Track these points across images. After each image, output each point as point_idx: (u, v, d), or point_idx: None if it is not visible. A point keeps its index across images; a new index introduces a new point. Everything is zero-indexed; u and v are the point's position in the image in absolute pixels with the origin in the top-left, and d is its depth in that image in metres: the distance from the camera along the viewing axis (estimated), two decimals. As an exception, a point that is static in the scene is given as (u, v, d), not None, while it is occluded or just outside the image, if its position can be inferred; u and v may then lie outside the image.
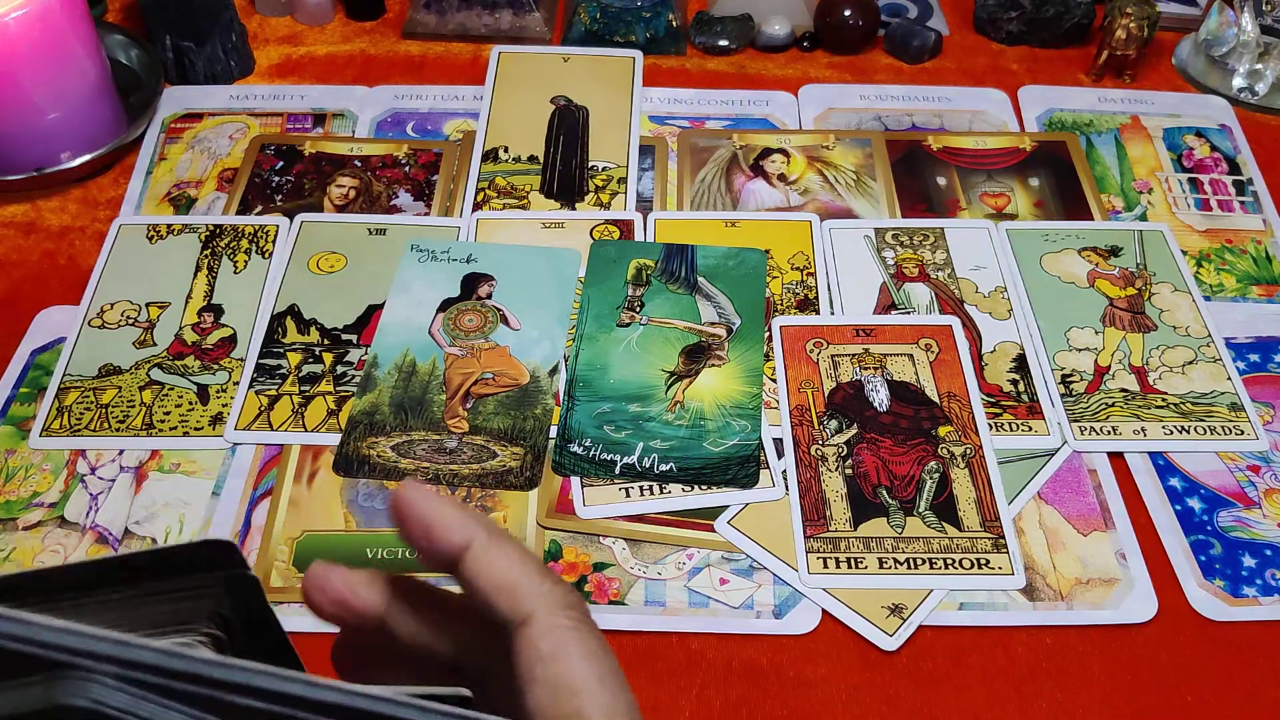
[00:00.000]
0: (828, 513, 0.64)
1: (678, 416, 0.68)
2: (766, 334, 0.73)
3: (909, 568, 0.61)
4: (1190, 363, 0.72)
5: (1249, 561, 0.63)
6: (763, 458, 0.66)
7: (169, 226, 0.80)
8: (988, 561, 0.61)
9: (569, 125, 0.88)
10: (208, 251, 0.78)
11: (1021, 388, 0.71)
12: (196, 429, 0.68)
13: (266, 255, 0.78)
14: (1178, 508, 0.65)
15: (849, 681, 0.58)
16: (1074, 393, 0.70)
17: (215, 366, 0.71)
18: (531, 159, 0.86)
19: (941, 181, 0.85)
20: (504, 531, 0.30)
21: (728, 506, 0.64)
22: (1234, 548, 0.63)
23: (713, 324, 0.73)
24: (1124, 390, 0.71)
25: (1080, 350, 0.73)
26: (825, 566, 0.61)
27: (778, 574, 0.61)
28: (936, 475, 0.65)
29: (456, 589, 0.30)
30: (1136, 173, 0.86)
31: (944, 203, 0.84)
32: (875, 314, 0.75)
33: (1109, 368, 0.72)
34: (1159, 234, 0.81)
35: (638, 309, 0.74)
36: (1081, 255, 0.79)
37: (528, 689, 0.28)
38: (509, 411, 0.68)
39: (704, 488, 0.65)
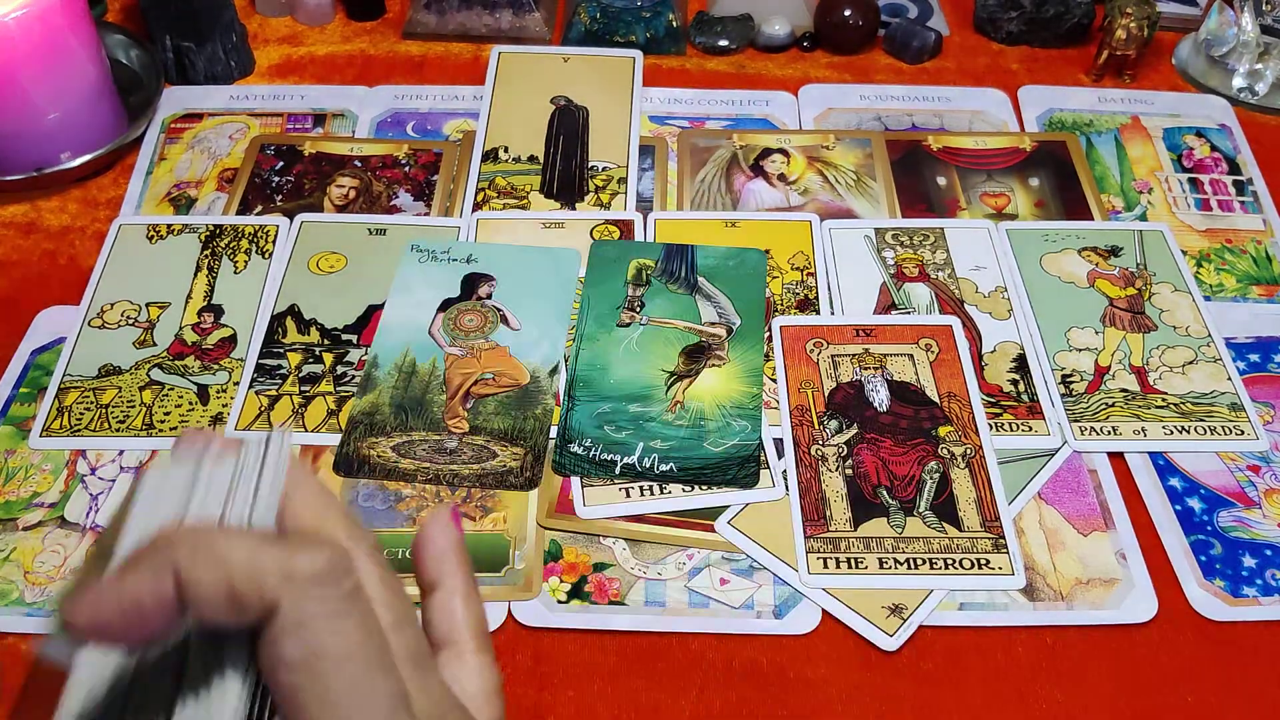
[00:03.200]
0: (828, 513, 0.64)
1: (678, 417, 0.68)
2: (766, 334, 0.73)
3: (909, 568, 0.61)
4: (1190, 363, 0.72)
5: (1249, 561, 0.63)
6: (763, 458, 0.66)
7: (169, 226, 0.80)
8: (988, 561, 0.61)
9: (569, 125, 0.88)
10: (208, 251, 0.78)
11: (1021, 388, 0.71)
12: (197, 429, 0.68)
13: (266, 255, 0.78)
14: (1178, 508, 0.65)
15: (849, 681, 0.58)
16: (1074, 393, 0.70)
17: (215, 367, 0.71)
18: (531, 159, 0.86)
19: (941, 181, 0.85)
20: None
21: (728, 506, 0.64)
22: (1234, 548, 0.63)
23: (713, 324, 0.73)
24: (1124, 390, 0.71)
25: (1080, 350, 0.73)
26: (825, 566, 0.61)
27: (778, 574, 0.61)
28: (936, 475, 0.65)
29: None
30: (1136, 173, 0.86)
31: (944, 203, 0.84)
32: (875, 314, 0.75)
33: (1109, 368, 0.72)
34: (1159, 234, 0.81)
35: (638, 309, 0.74)
36: (1081, 255, 0.79)
37: (281, 704, 0.26)
38: (509, 412, 0.68)
39: (704, 488, 0.65)
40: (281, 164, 0.85)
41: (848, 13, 0.96)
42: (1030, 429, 0.68)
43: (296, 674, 0.25)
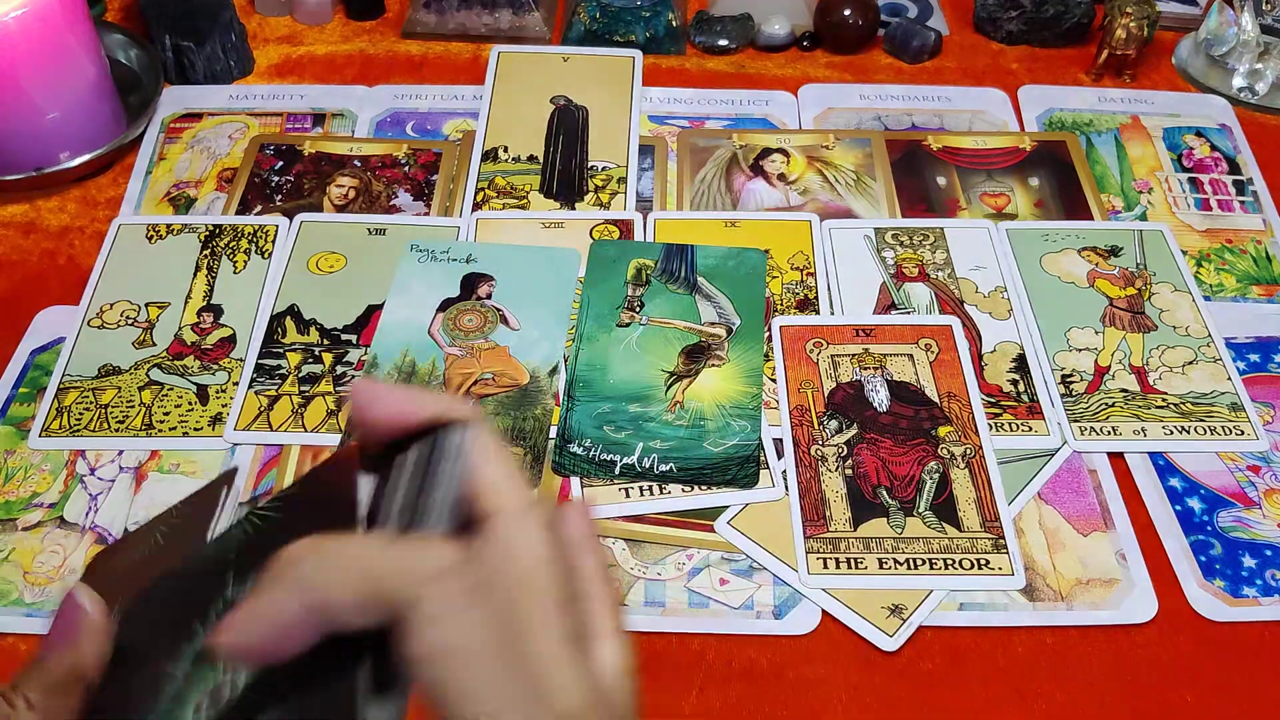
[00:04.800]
0: (827, 513, 0.63)
1: (678, 417, 0.68)
2: (766, 334, 0.73)
3: (909, 568, 0.61)
4: (1190, 363, 0.72)
5: (1249, 562, 0.63)
6: (763, 458, 0.66)
7: (168, 226, 0.80)
8: (988, 562, 0.61)
9: (569, 125, 0.88)
10: (207, 251, 0.78)
11: (1021, 388, 0.71)
12: (196, 429, 0.68)
13: (266, 255, 0.78)
14: (1178, 508, 0.65)
15: (849, 682, 0.58)
16: (1074, 393, 0.70)
17: (215, 367, 0.71)
18: (531, 159, 0.86)
19: (941, 181, 0.85)
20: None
21: (728, 507, 0.64)
22: (1234, 548, 0.63)
23: (713, 324, 0.73)
24: (1124, 390, 0.71)
25: (1080, 350, 0.73)
26: (825, 567, 0.61)
27: (778, 574, 0.61)
28: (936, 475, 0.65)
29: None
30: (1136, 172, 0.86)
31: (944, 203, 0.84)
32: (875, 314, 0.75)
33: (1109, 368, 0.72)
34: (1159, 234, 0.81)
35: (638, 309, 0.74)
36: (1081, 255, 0.79)
37: None
38: (509, 412, 0.68)
39: (704, 488, 0.65)
40: (281, 164, 0.85)
41: (848, 12, 0.96)
42: (1030, 429, 0.68)
43: (429, 667, 0.26)
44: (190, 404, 0.69)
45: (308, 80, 0.94)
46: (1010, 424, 0.69)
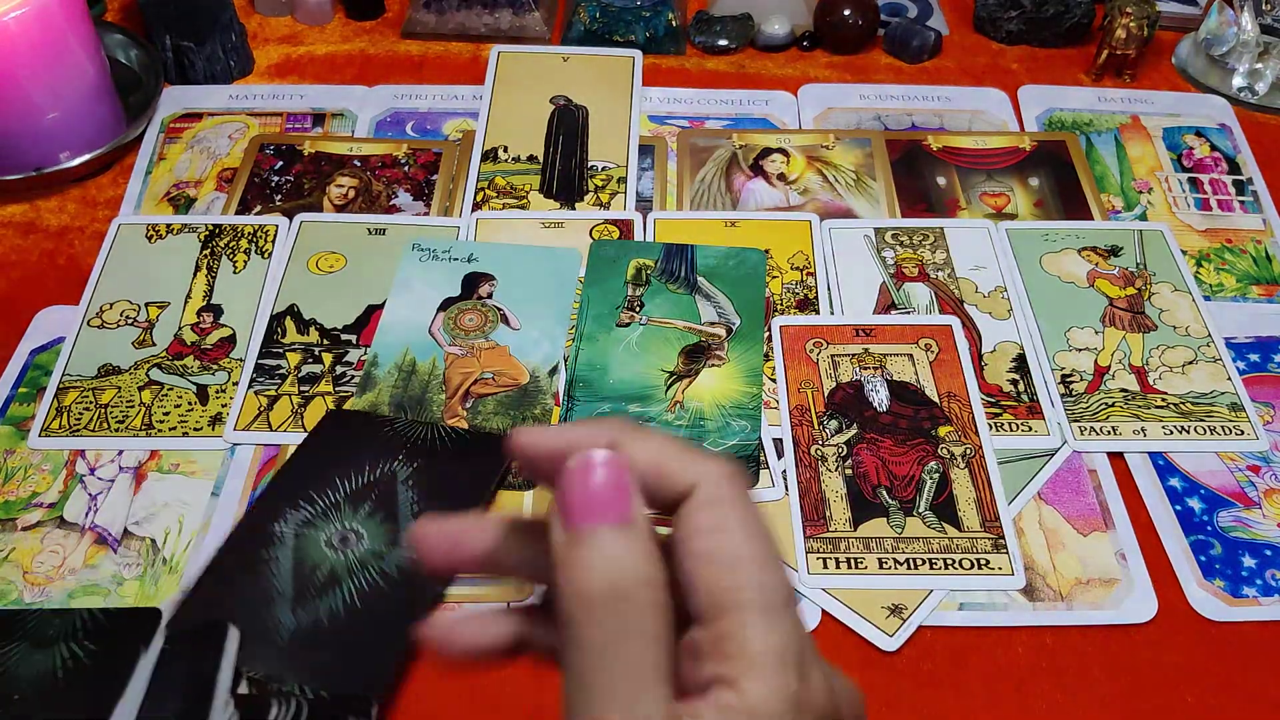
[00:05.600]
0: (827, 513, 0.63)
1: (677, 417, 0.68)
2: (766, 334, 0.73)
3: (909, 568, 0.61)
4: (1190, 363, 0.72)
5: (1249, 562, 0.63)
6: (763, 458, 0.66)
7: (168, 226, 0.80)
8: (988, 562, 0.61)
9: (568, 125, 0.88)
10: (207, 251, 0.78)
11: (1021, 388, 0.71)
12: (196, 429, 0.68)
13: (266, 255, 0.78)
14: (1178, 508, 0.65)
15: (849, 682, 0.58)
16: (1074, 393, 0.70)
17: (214, 367, 0.71)
18: (531, 159, 0.86)
19: (941, 181, 0.85)
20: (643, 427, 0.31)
21: (727, 506, 0.64)
22: (1234, 548, 0.63)
23: (712, 324, 0.73)
24: (1124, 390, 0.71)
25: (1080, 350, 0.73)
26: (825, 567, 0.61)
27: (777, 574, 0.61)
28: (936, 475, 0.65)
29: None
30: (1136, 172, 0.86)
31: (944, 202, 0.84)
32: (875, 314, 0.75)
33: (1109, 368, 0.72)
34: (1159, 234, 0.81)
35: (637, 309, 0.74)
36: (1081, 255, 0.79)
37: (684, 563, 0.28)
38: (508, 411, 0.68)
39: (704, 488, 0.65)
40: (281, 164, 0.85)
41: (847, 12, 0.96)
42: (1030, 429, 0.68)
43: (709, 538, 0.28)
44: (190, 404, 0.69)
45: (308, 80, 0.94)
46: (1010, 424, 0.69)
